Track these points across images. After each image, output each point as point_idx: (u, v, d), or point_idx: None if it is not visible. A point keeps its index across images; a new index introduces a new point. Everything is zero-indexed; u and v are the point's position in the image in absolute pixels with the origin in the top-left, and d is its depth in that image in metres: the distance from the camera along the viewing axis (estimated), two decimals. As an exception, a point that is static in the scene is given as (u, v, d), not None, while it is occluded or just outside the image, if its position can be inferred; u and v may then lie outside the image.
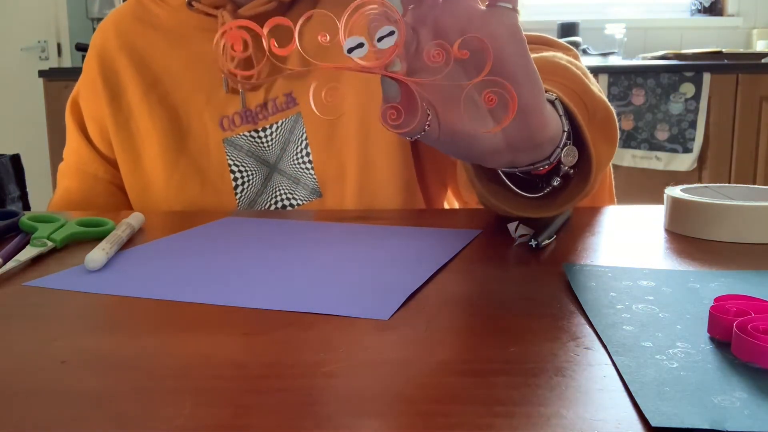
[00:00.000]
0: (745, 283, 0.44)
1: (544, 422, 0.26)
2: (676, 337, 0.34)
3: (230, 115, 0.82)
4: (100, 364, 0.33)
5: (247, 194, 0.82)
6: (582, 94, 0.56)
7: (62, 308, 0.42)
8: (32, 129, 3.05)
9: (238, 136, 0.82)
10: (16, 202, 1.01)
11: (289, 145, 0.81)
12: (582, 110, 0.55)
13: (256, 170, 0.82)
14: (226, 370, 0.32)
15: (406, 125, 0.42)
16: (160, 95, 0.83)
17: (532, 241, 0.53)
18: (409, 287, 0.43)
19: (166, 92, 0.83)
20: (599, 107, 0.58)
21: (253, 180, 0.82)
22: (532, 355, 0.33)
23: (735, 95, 2.41)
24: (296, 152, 0.80)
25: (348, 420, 0.27)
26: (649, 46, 2.92)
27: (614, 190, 0.74)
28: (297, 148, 0.80)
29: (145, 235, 0.61)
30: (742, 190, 0.63)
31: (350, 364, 0.32)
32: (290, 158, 0.81)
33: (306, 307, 0.40)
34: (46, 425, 0.27)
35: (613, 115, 0.59)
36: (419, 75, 0.42)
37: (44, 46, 3.22)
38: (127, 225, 0.59)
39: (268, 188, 0.82)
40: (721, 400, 0.27)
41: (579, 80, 0.57)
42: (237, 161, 0.81)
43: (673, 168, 2.43)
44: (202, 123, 0.82)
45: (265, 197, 0.82)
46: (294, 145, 0.80)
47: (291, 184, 0.81)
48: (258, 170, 0.82)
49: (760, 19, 2.95)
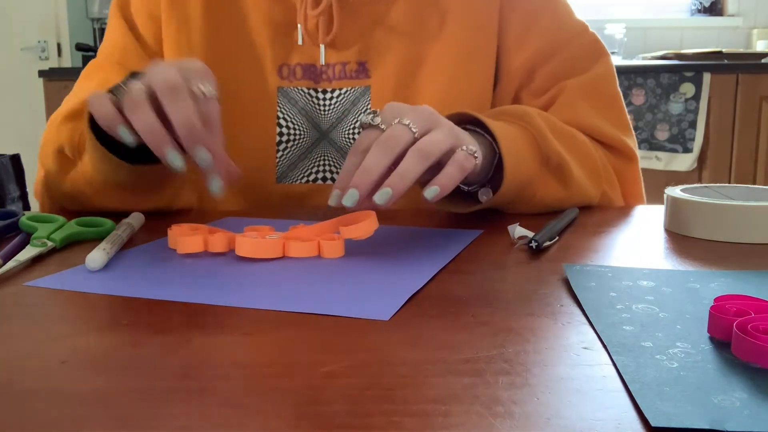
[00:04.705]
0: (745, 283, 0.44)
1: (544, 422, 0.26)
2: (676, 337, 0.34)
3: (292, 64, 0.77)
4: (100, 364, 0.33)
5: (290, 155, 0.77)
6: (539, 138, 0.66)
7: (62, 308, 0.42)
8: (32, 129, 3.05)
9: (295, 89, 0.77)
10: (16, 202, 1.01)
11: (348, 116, 0.76)
12: (536, 150, 0.66)
13: (305, 132, 0.77)
14: (226, 370, 0.32)
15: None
16: (224, 20, 0.77)
17: (533, 243, 0.53)
18: (409, 288, 0.43)
19: (231, 19, 0.77)
20: (553, 154, 0.66)
21: (300, 141, 0.76)
22: (532, 355, 0.33)
23: (735, 95, 2.41)
24: (353, 126, 0.76)
25: (348, 420, 0.27)
26: (649, 46, 2.92)
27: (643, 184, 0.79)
28: (355, 122, 0.76)
29: (145, 235, 0.61)
30: (742, 190, 0.63)
31: (350, 364, 0.32)
32: (345, 130, 0.76)
33: (306, 308, 0.40)
34: (46, 425, 0.27)
35: (568, 164, 0.67)
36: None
37: (44, 46, 3.22)
38: (127, 225, 0.59)
39: (313, 155, 0.77)
40: (721, 400, 0.27)
41: (539, 128, 0.66)
42: (288, 116, 0.76)
43: (673, 168, 2.43)
44: (261, 63, 0.76)
45: (307, 163, 0.77)
46: (353, 118, 0.76)
47: (339, 157, 0.77)
48: (307, 132, 0.77)
49: (760, 19, 2.94)
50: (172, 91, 0.51)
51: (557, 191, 0.68)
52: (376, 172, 0.50)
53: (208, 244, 0.53)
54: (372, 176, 0.50)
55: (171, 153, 0.51)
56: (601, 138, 0.75)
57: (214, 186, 0.53)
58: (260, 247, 0.51)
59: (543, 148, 0.66)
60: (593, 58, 0.78)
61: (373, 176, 0.50)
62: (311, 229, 0.56)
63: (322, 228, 0.56)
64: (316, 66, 0.77)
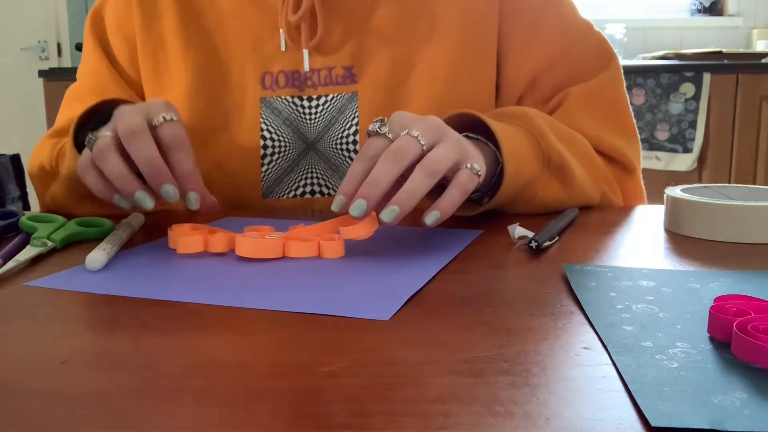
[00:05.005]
0: (745, 283, 0.44)
1: (544, 422, 0.26)
2: (676, 337, 0.34)
3: (275, 72, 0.73)
4: (100, 364, 0.33)
5: (275, 168, 0.74)
6: (539, 137, 0.65)
7: (62, 308, 0.42)
8: (32, 129, 3.05)
9: (278, 99, 0.73)
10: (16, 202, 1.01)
11: (335, 125, 0.73)
12: (537, 151, 0.65)
13: (290, 143, 0.73)
14: (226, 370, 0.32)
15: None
16: (200, 32, 0.74)
17: (533, 243, 0.53)
18: (410, 288, 0.43)
19: (207, 30, 0.74)
20: (554, 155, 0.66)
21: (285, 154, 0.73)
22: (532, 355, 0.33)
23: (735, 95, 2.41)
24: (341, 135, 0.73)
25: (348, 420, 0.27)
26: (649, 46, 2.92)
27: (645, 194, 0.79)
28: (343, 131, 0.73)
29: (145, 235, 0.61)
30: (742, 190, 0.63)
31: (350, 364, 0.32)
32: (332, 140, 0.73)
33: (306, 308, 0.40)
34: (46, 425, 0.27)
35: (569, 165, 0.67)
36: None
37: (44, 46, 3.22)
38: (127, 225, 0.59)
39: (299, 167, 0.74)
40: (721, 400, 0.27)
41: (540, 129, 0.66)
42: (272, 127, 0.73)
43: (673, 168, 2.43)
44: (242, 73, 0.74)
45: (294, 177, 0.74)
46: (340, 126, 0.73)
47: (327, 169, 0.74)
48: (293, 144, 0.73)
49: (760, 19, 2.94)
50: (133, 134, 0.53)
51: (558, 192, 0.68)
52: (384, 184, 0.51)
53: (208, 244, 0.53)
54: (380, 188, 0.50)
55: (139, 194, 0.53)
56: (600, 148, 0.74)
57: (190, 203, 0.54)
58: (260, 247, 0.51)
59: (544, 149, 0.65)
60: (601, 62, 0.77)
61: (382, 188, 0.51)
62: (311, 229, 0.56)
63: (322, 228, 0.56)
64: (300, 72, 0.74)
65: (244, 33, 0.74)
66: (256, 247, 0.51)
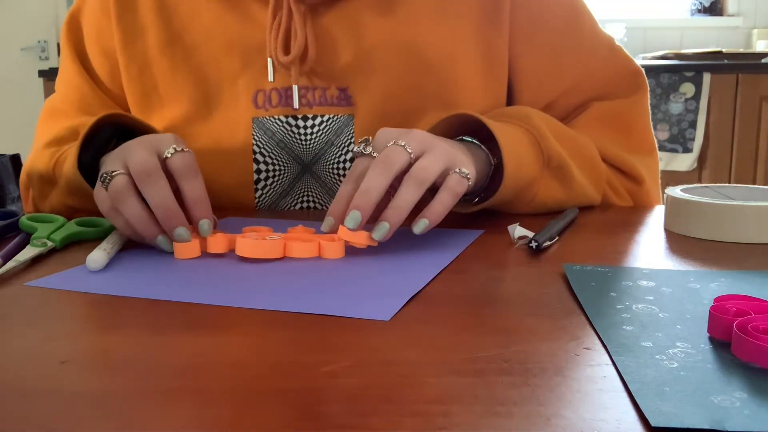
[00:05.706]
0: (745, 283, 0.44)
1: (544, 422, 0.26)
2: (676, 337, 0.34)
3: (267, 90, 0.69)
4: (100, 364, 0.33)
5: (270, 194, 0.71)
6: (539, 138, 0.65)
7: (62, 308, 0.42)
8: (32, 129, 3.03)
9: (270, 119, 0.69)
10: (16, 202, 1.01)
11: (332, 147, 0.70)
12: (537, 152, 0.65)
13: (285, 167, 0.70)
14: (226, 370, 0.32)
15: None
16: (186, 49, 0.70)
17: (533, 243, 0.53)
18: (410, 289, 0.43)
19: (194, 45, 0.70)
20: (554, 156, 0.66)
21: (280, 178, 0.70)
22: (532, 355, 0.33)
23: (735, 95, 2.41)
24: (338, 159, 0.70)
25: (348, 420, 0.27)
26: (649, 46, 2.92)
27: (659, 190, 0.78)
28: (340, 155, 0.70)
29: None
30: (742, 190, 0.63)
31: (350, 364, 0.32)
32: (329, 163, 0.71)
33: (306, 308, 0.40)
34: (46, 425, 0.27)
35: (569, 165, 0.67)
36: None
37: (44, 46, 3.22)
38: (127, 225, 0.59)
39: (294, 190, 0.71)
40: (721, 400, 0.27)
41: (540, 130, 0.66)
42: (264, 150, 0.69)
43: (673, 168, 2.43)
44: (234, 91, 0.70)
45: (289, 200, 0.72)
46: (337, 150, 0.70)
47: (323, 192, 0.72)
48: (288, 167, 0.70)
49: (760, 19, 2.94)
50: (148, 175, 0.52)
51: (558, 192, 0.68)
52: (375, 193, 0.51)
53: (207, 245, 0.53)
54: (372, 197, 0.51)
55: (160, 239, 0.53)
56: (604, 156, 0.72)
57: (203, 231, 0.53)
58: (260, 248, 0.51)
59: (544, 149, 0.65)
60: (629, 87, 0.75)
61: (374, 197, 0.51)
62: (310, 230, 0.56)
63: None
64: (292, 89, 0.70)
65: (233, 49, 0.70)
66: (257, 247, 0.51)
